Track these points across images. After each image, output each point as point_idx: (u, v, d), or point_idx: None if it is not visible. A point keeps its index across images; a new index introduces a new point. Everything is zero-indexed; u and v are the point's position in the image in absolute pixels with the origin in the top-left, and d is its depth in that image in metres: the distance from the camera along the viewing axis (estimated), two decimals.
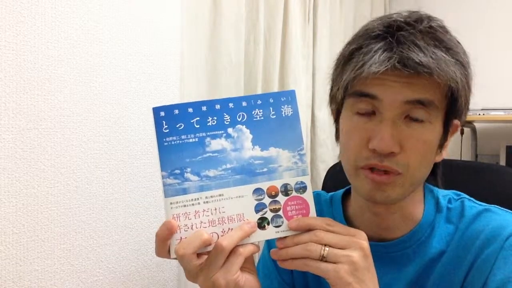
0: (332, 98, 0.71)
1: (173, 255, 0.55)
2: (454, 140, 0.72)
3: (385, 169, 0.62)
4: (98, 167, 0.97)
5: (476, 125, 2.04)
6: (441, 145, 0.67)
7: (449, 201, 0.72)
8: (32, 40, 0.84)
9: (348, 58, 0.64)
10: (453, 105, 0.64)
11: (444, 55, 0.60)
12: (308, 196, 0.57)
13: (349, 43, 0.66)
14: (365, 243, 0.55)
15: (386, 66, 0.59)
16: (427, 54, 0.59)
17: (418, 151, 0.62)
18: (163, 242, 0.55)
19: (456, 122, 0.69)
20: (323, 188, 1.17)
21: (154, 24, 1.08)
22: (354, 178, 0.66)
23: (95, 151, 0.96)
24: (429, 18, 0.64)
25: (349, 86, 0.64)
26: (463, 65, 0.63)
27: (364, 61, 0.60)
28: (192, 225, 0.56)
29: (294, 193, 0.57)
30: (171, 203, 0.56)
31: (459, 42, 0.66)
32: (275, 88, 1.52)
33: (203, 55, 1.29)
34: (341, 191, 0.81)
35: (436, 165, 0.72)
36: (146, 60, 1.07)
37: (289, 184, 0.57)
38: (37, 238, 0.86)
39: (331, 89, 0.70)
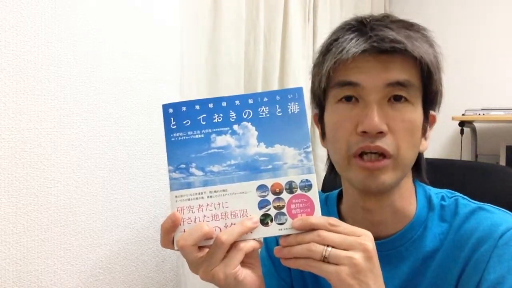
0: (315, 92, 0.73)
1: (176, 246, 0.56)
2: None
3: (376, 151, 0.64)
4: (98, 167, 0.97)
5: (476, 125, 2.04)
6: (423, 133, 0.70)
7: (443, 199, 0.73)
8: (32, 40, 0.84)
9: (327, 49, 0.68)
10: (428, 86, 0.67)
11: (416, 34, 0.65)
12: (313, 194, 0.57)
13: (326, 38, 0.70)
14: (369, 244, 0.54)
15: (364, 47, 0.63)
16: (400, 33, 0.64)
17: (405, 131, 0.65)
18: (168, 234, 0.57)
19: (433, 113, 0.72)
20: (323, 188, 1.17)
21: (154, 24, 1.08)
22: (347, 169, 0.67)
23: (95, 151, 0.96)
24: (398, 18, 0.69)
25: (331, 77, 0.67)
26: (433, 46, 0.67)
27: (342, 47, 0.64)
28: (196, 219, 0.57)
29: (298, 191, 0.56)
30: (176, 197, 0.57)
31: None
32: (275, 88, 1.52)
33: (203, 55, 1.29)
34: (336, 191, 0.81)
35: (419, 157, 0.73)
36: (146, 60, 1.06)
37: (294, 181, 0.57)
38: (37, 238, 0.86)
39: (313, 84, 0.72)
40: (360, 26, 0.65)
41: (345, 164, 0.67)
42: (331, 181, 1.14)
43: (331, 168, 0.77)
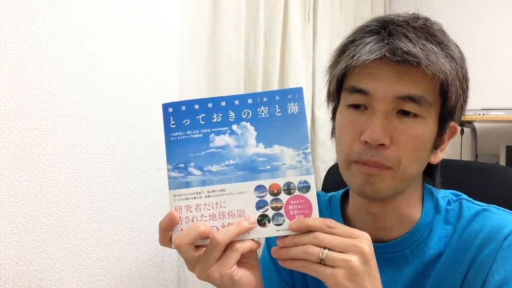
0: (328, 92, 0.72)
1: (172, 245, 0.56)
2: (454, 140, 0.72)
3: (375, 165, 0.63)
4: (98, 167, 0.97)
5: (476, 125, 2.04)
6: (436, 145, 0.68)
7: (448, 203, 0.72)
8: (32, 40, 0.84)
9: (342, 50, 0.66)
10: (445, 101, 0.64)
11: (434, 47, 0.61)
12: (311, 196, 0.56)
13: (345, 38, 0.68)
14: (366, 247, 0.53)
15: (376, 56, 0.60)
16: (417, 45, 0.60)
17: (409, 145, 0.63)
18: (165, 232, 0.57)
19: (453, 124, 0.69)
20: (322, 188, 1.17)
21: (154, 24, 1.08)
22: (346, 172, 0.67)
23: (95, 151, 0.96)
24: (426, 19, 0.66)
25: (344, 81, 0.66)
26: (454, 60, 0.63)
27: (355, 52, 0.62)
28: (193, 218, 0.57)
29: (297, 192, 0.56)
30: (174, 195, 0.57)
31: (457, 45, 0.67)
32: (275, 88, 1.52)
33: (203, 55, 1.29)
34: (340, 192, 0.81)
35: (434, 167, 0.72)
36: (146, 60, 1.07)
37: (292, 182, 0.56)
38: (37, 238, 0.86)
39: (328, 83, 0.71)
40: (380, 29, 0.63)
41: (345, 167, 0.67)
42: (332, 178, 1.14)
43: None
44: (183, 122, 0.58)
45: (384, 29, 0.63)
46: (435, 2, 2.17)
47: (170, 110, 0.58)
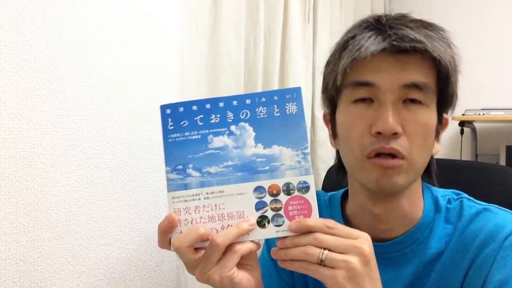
0: (328, 91, 0.71)
1: (172, 247, 0.56)
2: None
3: (391, 153, 0.63)
4: (98, 167, 0.97)
5: (476, 125, 2.04)
6: (436, 136, 0.69)
7: (449, 201, 0.72)
8: (32, 40, 0.84)
9: (344, 46, 0.66)
10: (444, 88, 0.66)
11: (435, 34, 0.63)
12: (311, 196, 0.56)
13: (342, 36, 0.69)
14: (366, 248, 0.53)
15: (383, 46, 0.61)
16: (419, 32, 0.62)
17: (419, 133, 0.64)
18: (164, 234, 0.56)
19: (446, 116, 0.70)
20: (322, 188, 1.17)
21: (154, 24, 1.08)
22: (360, 170, 0.66)
23: (95, 151, 0.96)
24: (415, 17, 0.67)
25: (346, 75, 0.66)
26: (452, 48, 0.65)
27: (360, 44, 0.63)
28: (192, 220, 0.56)
29: (296, 193, 0.56)
30: (173, 198, 0.57)
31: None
32: (275, 88, 1.52)
33: (203, 55, 1.29)
34: (340, 192, 0.81)
35: (430, 163, 0.72)
36: (146, 60, 1.07)
37: (291, 183, 0.56)
38: (37, 238, 0.86)
39: (326, 84, 0.71)
40: (377, 25, 0.64)
41: (358, 165, 0.66)
42: (332, 178, 1.14)
43: (339, 168, 0.76)
44: (181, 123, 0.57)
45: (382, 23, 0.64)
46: (435, 2, 2.18)
47: (168, 111, 0.58)
